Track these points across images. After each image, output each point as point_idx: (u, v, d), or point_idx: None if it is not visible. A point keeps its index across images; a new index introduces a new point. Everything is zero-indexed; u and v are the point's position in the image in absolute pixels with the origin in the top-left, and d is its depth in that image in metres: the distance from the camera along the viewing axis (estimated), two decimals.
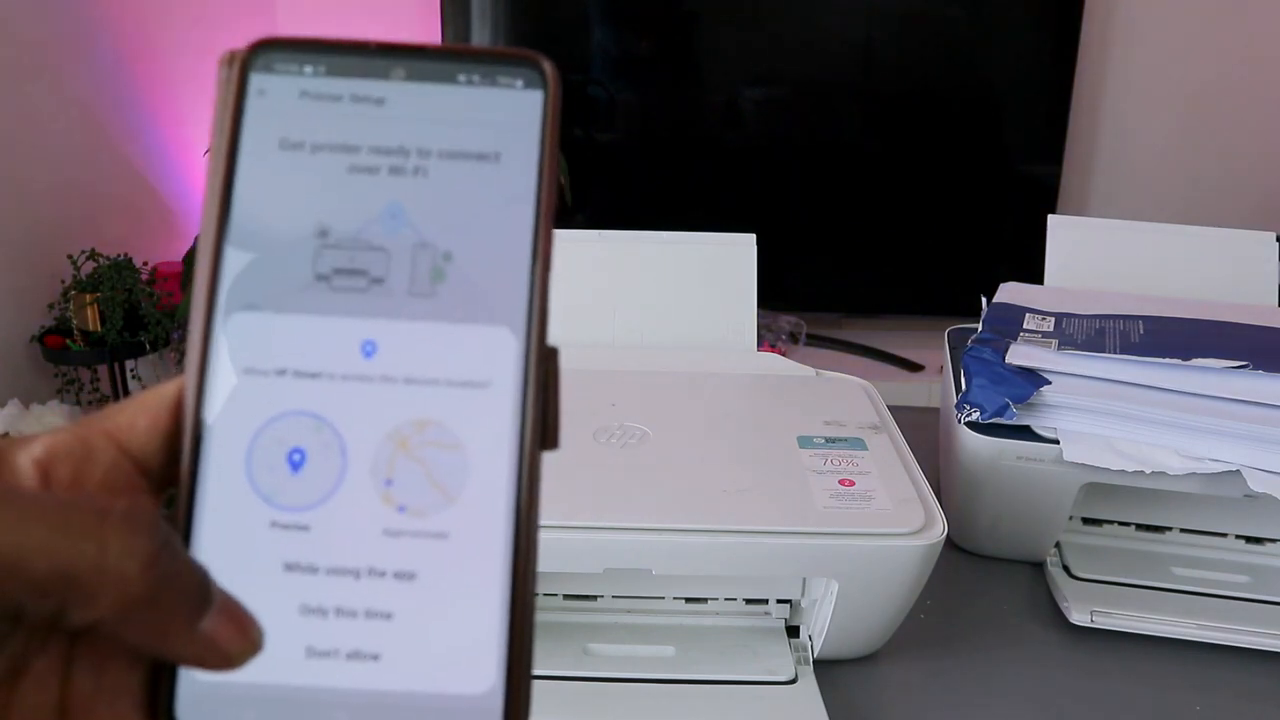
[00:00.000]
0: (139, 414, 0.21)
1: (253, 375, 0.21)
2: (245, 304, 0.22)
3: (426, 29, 1.28)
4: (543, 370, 0.22)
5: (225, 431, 0.21)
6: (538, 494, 0.21)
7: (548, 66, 0.23)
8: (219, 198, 0.22)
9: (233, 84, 0.22)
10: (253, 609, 0.20)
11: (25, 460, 0.20)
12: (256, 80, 0.22)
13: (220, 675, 0.20)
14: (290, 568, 0.21)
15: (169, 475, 0.22)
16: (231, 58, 0.22)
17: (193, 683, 0.20)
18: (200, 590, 0.19)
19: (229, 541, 0.21)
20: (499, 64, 0.23)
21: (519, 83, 0.22)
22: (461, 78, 0.22)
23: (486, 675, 0.21)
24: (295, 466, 0.21)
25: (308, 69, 0.22)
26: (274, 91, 0.22)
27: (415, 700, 0.20)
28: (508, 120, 0.22)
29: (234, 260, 0.22)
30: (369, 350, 0.22)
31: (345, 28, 1.37)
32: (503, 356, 0.22)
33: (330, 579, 0.21)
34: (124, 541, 0.17)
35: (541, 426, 0.22)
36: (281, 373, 0.21)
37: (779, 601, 0.59)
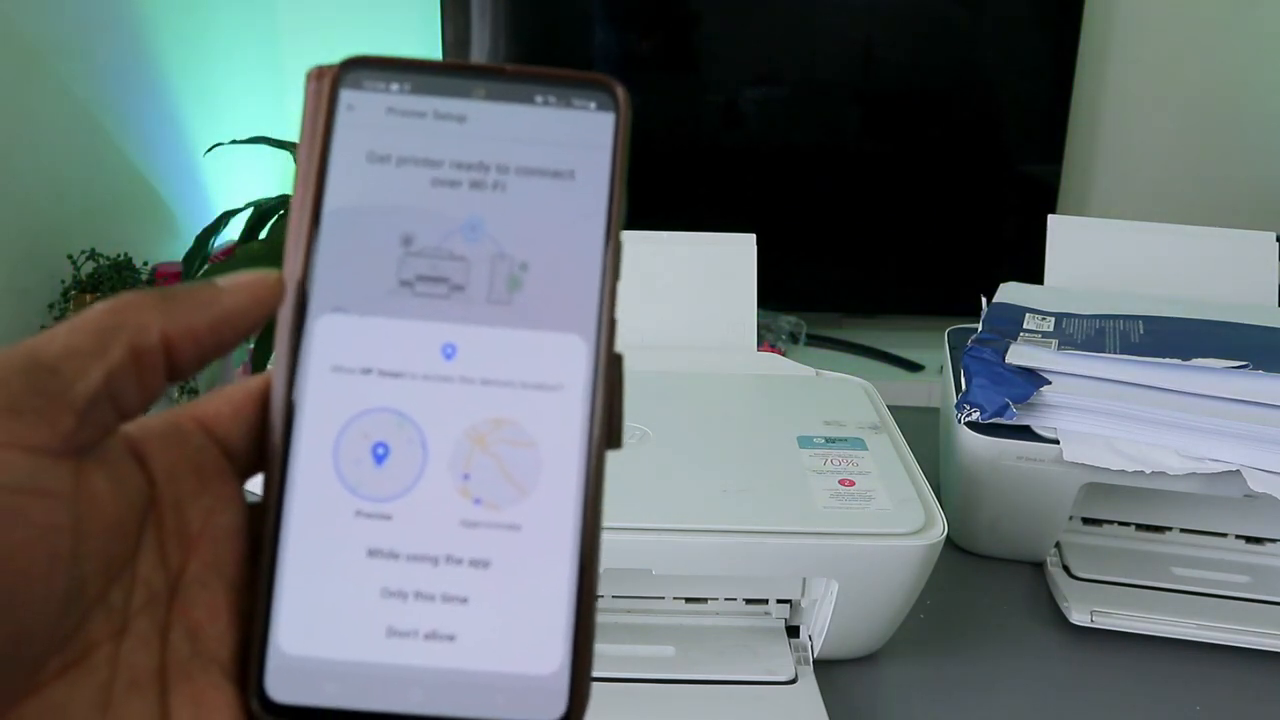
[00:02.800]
0: (225, 404, 0.23)
1: (340, 373, 0.23)
2: (334, 306, 0.23)
3: (426, 29, 1.28)
4: (610, 375, 0.23)
5: (313, 425, 0.23)
6: (603, 490, 0.23)
7: (620, 91, 0.24)
8: (311, 205, 0.23)
9: (324, 98, 0.24)
10: (337, 592, 0.22)
11: (118, 439, 0.21)
12: (346, 96, 0.24)
13: (305, 649, 0.22)
14: (373, 554, 0.22)
15: (253, 461, 0.23)
16: (321, 73, 0.24)
17: (279, 655, 0.22)
18: (203, 285, 0.22)
19: (316, 529, 0.22)
20: (574, 87, 0.24)
21: (592, 105, 0.24)
22: (539, 99, 0.24)
23: (554, 656, 0.22)
24: (379, 460, 0.23)
25: (394, 86, 0.24)
26: (362, 107, 0.24)
27: (488, 679, 0.22)
28: (581, 140, 0.24)
29: (324, 264, 0.23)
30: (449, 352, 0.23)
31: (346, 27, 1.37)
32: (574, 362, 0.23)
33: (410, 565, 0.22)
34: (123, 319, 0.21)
35: (608, 428, 0.23)
36: (367, 371, 0.23)
37: (779, 601, 0.59)
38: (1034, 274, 0.86)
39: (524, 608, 0.22)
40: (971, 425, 0.65)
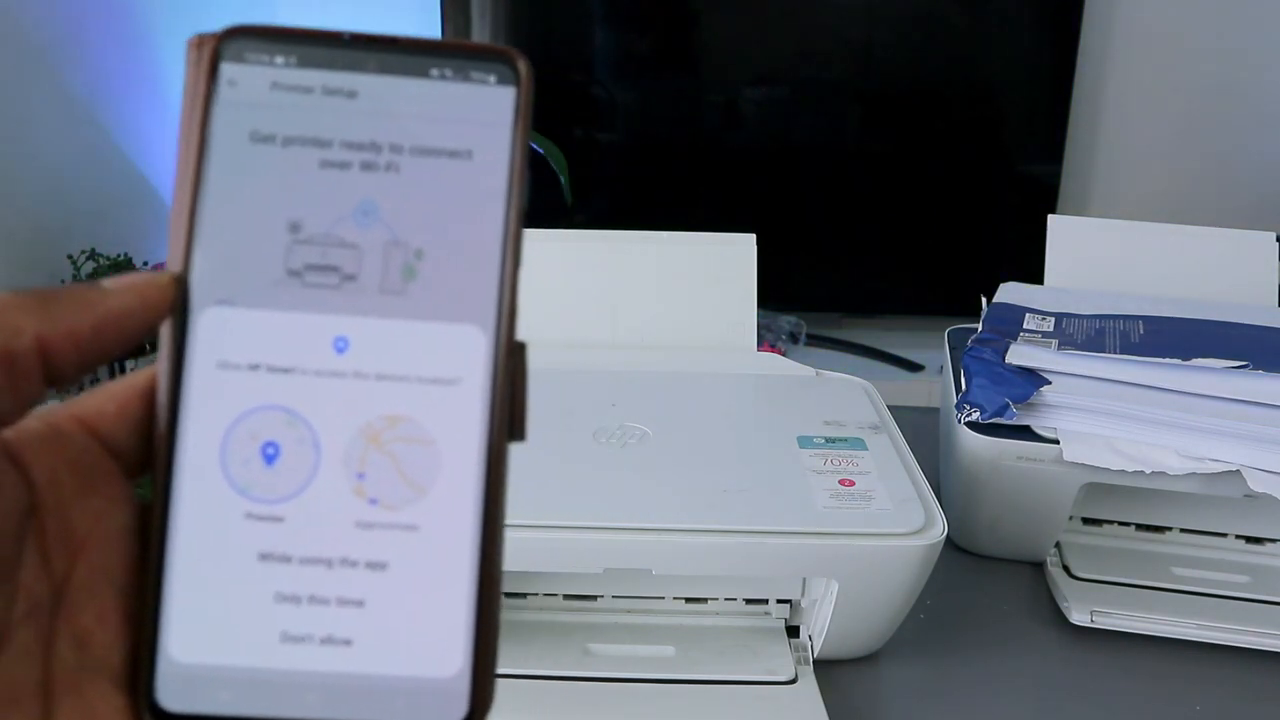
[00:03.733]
0: (109, 401, 0.22)
1: (226, 369, 0.22)
2: (218, 298, 0.22)
3: (426, 29, 1.28)
4: (510, 366, 0.22)
5: (200, 425, 0.22)
6: (504, 486, 0.22)
7: (521, 63, 0.23)
8: (190, 190, 0.22)
9: (203, 73, 0.22)
10: (228, 597, 0.21)
11: None
12: (228, 70, 0.22)
13: (196, 656, 0.21)
14: (265, 557, 0.21)
15: (141, 460, 0.22)
16: (201, 42, 0.22)
17: (170, 662, 0.21)
18: (86, 287, 0.20)
19: (205, 532, 0.21)
20: (472, 59, 0.23)
21: (492, 78, 0.23)
22: (435, 72, 0.22)
23: (455, 659, 0.21)
24: (269, 460, 0.22)
25: (279, 59, 0.22)
26: (245, 82, 0.22)
27: (386, 683, 0.21)
28: (480, 117, 0.22)
29: (205, 254, 0.22)
30: (341, 346, 0.22)
31: (345, 27, 1.37)
32: (472, 354, 0.22)
33: (304, 568, 0.21)
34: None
35: (509, 421, 0.22)
36: (255, 367, 0.22)
37: (779, 601, 0.59)
38: (1034, 274, 0.85)
39: (423, 610, 0.21)
40: (971, 425, 0.65)
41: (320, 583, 0.21)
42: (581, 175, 1.16)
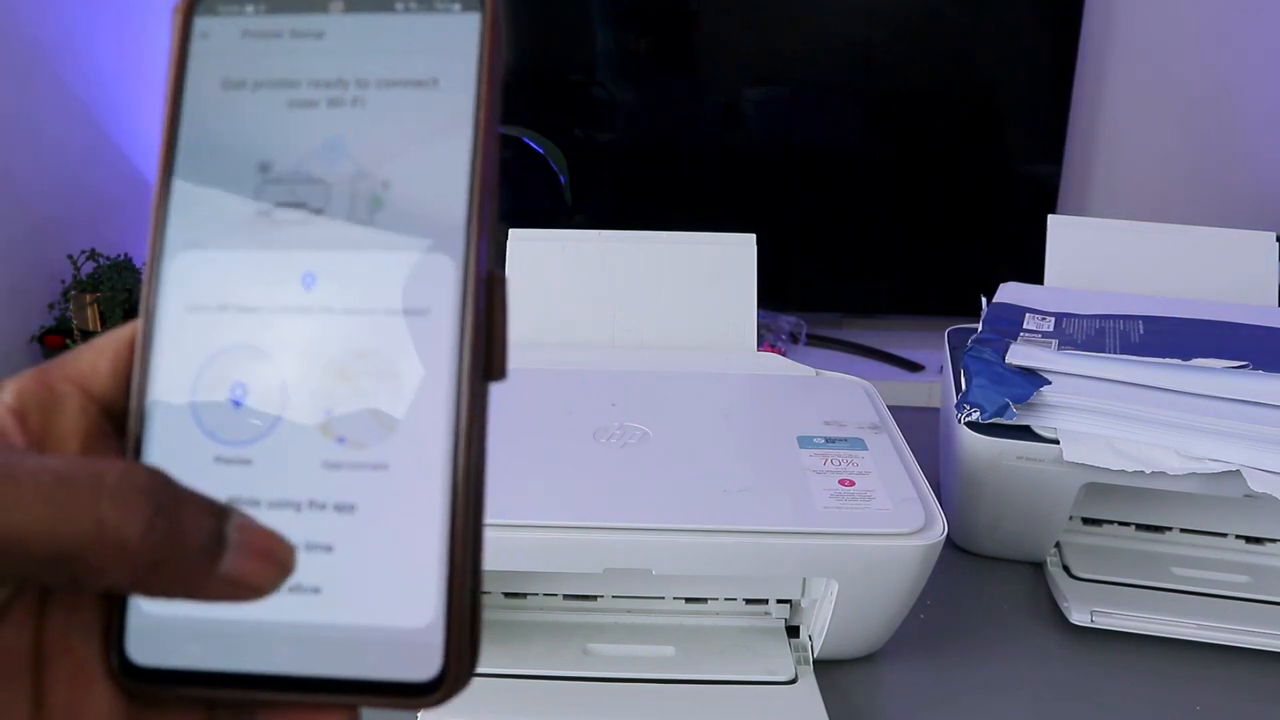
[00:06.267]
0: (99, 358, 0.22)
1: (196, 312, 0.22)
2: (189, 242, 0.22)
3: None
4: (484, 297, 0.21)
5: (170, 370, 0.21)
6: (482, 425, 0.21)
7: None
8: (165, 142, 0.22)
9: (177, 29, 0.22)
10: None
11: (1, 410, 0.20)
12: (200, 24, 0.23)
13: (165, 609, 0.20)
14: (234, 502, 0.21)
15: None
16: (180, 5, 0.23)
17: (140, 616, 0.21)
18: (208, 539, 0.18)
19: (175, 477, 0.21)
20: None
21: (456, 6, 0.22)
22: (399, 5, 0.22)
23: (426, 608, 0.20)
24: (237, 402, 0.21)
25: (249, 8, 0.22)
26: (216, 33, 0.22)
27: (355, 633, 0.20)
28: (445, 45, 0.22)
29: (180, 201, 0.22)
30: (309, 282, 0.22)
31: None
32: (441, 283, 0.21)
33: (272, 513, 0.21)
34: (119, 511, 0.17)
35: (486, 356, 0.21)
36: (223, 308, 0.21)
37: (779, 601, 0.59)
38: (1034, 274, 0.86)
39: (393, 555, 0.20)
40: (971, 425, 0.65)
41: (289, 527, 0.20)
42: (581, 175, 1.16)
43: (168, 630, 0.20)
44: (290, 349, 0.21)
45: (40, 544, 0.17)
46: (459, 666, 0.20)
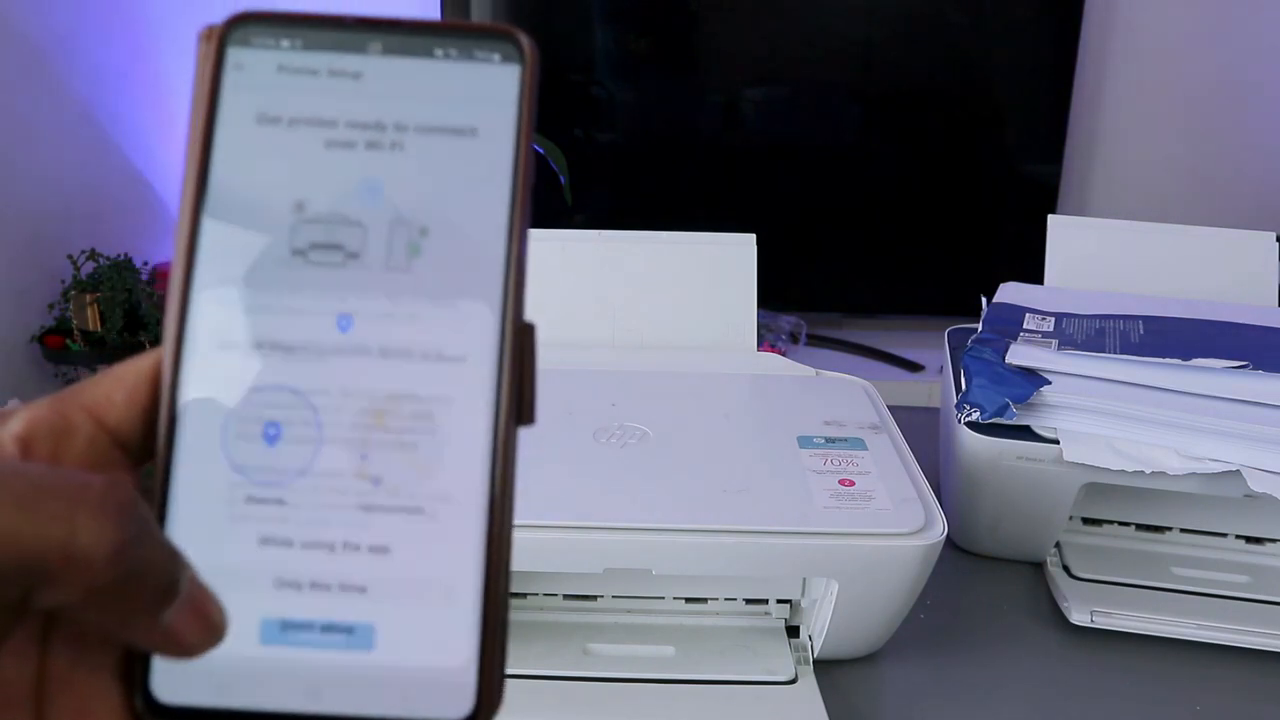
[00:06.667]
0: (115, 388, 0.21)
1: (229, 349, 0.21)
2: (222, 278, 0.22)
3: None
4: (518, 345, 0.22)
5: (201, 406, 0.21)
6: (513, 469, 0.21)
7: (525, 41, 0.23)
8: (196, 173, 0.22)
9: (210, 58, 0.22)
10: (228, 583, 0.20)
11: (5, 437, 0.20)
12: (234, 54, 0.22)
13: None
14: (266, 541, 0.21)
15: (147, 449, 0.21)
16: (210, 33, 0.22)
17: None
18: (167, 582, 0.18)
19: (205, 516, 0.21)
20: (476, 38, 0.22)
21: (496, 57, 0.22)
22: (439, 52, 0.22)
23: (461, 648, 0.21)
24: (271, 440, 0.21)
25: (285, 43, 0.22)
26: (251, 66, 0.22)
27: (389, 674, 0.20)
28: (485, 95, 0.22)
29: (211, 235, 0.22)
30: (345, 325, 0.22)
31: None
32: (478, 331, 0.22)
33: (306, 553, 0.21)
34: (94, 528, 0.17)
35: (517, 401, 0.22)
36: (258, 347, 0.21)
37: (779, 601, 0.59)
38: (1034, 274, 0.86)
39: (427, 596, 0.21)
40: (971, 425, 0.65)
41: (322, 568, 0.21)
42: (581, 175, 1.16)
43: (195, 667, 0.20)
44: (325, 390, 0.21)
45: (2, 551, 0.16)
46: (490, 701, 0.21)
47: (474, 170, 0.22)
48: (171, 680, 0.20)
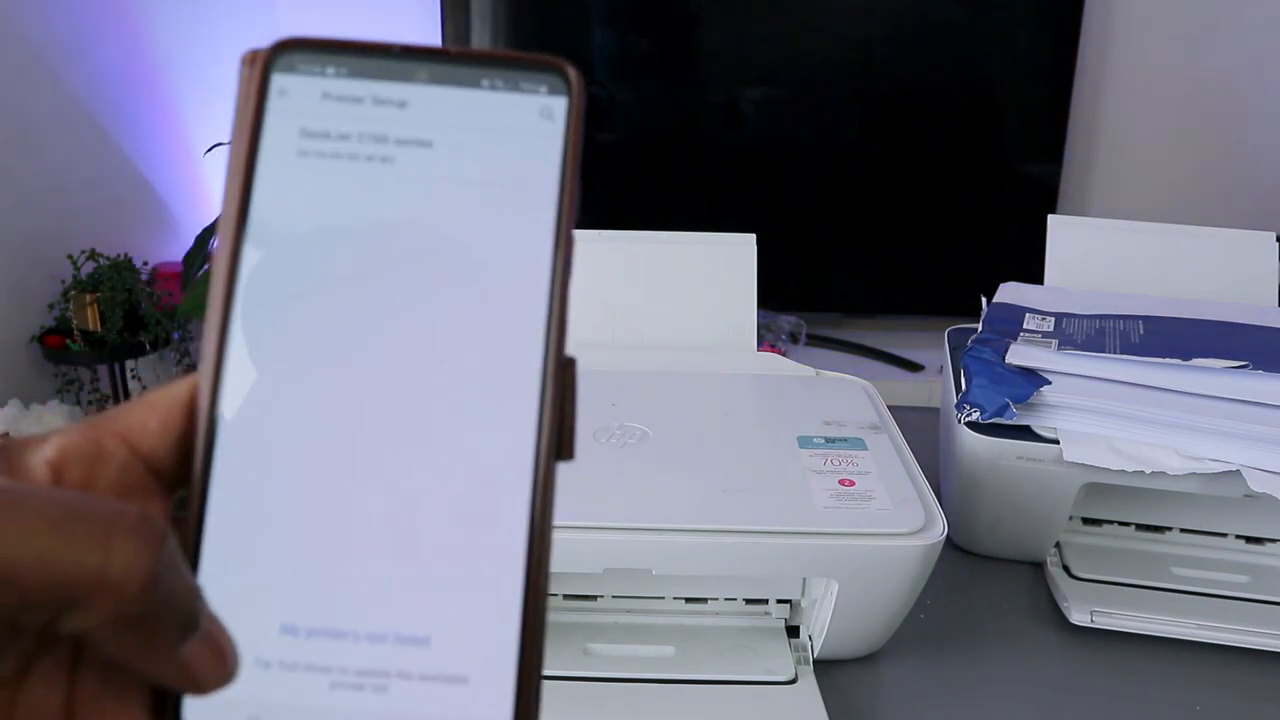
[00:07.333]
0: (150, 414, 0.21)
1: (268, 380, 0.21)
2: (261, 306, 0.21)
3: (427, 30, 1.28)
4: (560, 381, 0.22)
5: (239, 437, 0.21)
6: (552, 505, 0.21)
7: (572, 73, 0.22)
8: (238, 197, 0.21)
9: (254, 83, 0.22)
10: (260, 619, 0.20)
11: (38, 461, 0.20)
12: (278, 80, 0.22)
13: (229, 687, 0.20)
14: (297, 583, 0.20)
15: (181, 476, 0.21)
16: (254, 57, 0.22)
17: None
18: (189, 614, 0.18)
19: (239, 552, 0.20)
20: (523, 70, 0.22)
21: (543, 89, 0.22)
22: (485, 83, 0.22)
23: (499, 694, 0.20)
24: (309, 477, 0.21)
25: (330, 70, 0.22)
26: (295, 92, 0.22)
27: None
28: (531, 127, 0.22)
29: (252, 260, 0.21)
30: (389, 359, 0.21)
31: (346, 28, 1.37)
32: (524, 369, 0.21)
33: (336, 599, 0.20)
34: (129, 555, 0.17)
35: (558, 438, 0.22)
36: (300, 380, 0.21)
37: (779, 601, 0.59)
38: (1034, 274, 0.86)
39: (466, 639, 0.20)
40: (971, 425, 0.65)
41: (355, 616, 0.20)
42: (582, 175, 1.16)
43: (227, 707, 0.20)
44: (369, 425, 0.21)
45: (33, 576, 0.16)
46: None
47: (519, 204, 0.22)
48: (203, 715, 0.20)
